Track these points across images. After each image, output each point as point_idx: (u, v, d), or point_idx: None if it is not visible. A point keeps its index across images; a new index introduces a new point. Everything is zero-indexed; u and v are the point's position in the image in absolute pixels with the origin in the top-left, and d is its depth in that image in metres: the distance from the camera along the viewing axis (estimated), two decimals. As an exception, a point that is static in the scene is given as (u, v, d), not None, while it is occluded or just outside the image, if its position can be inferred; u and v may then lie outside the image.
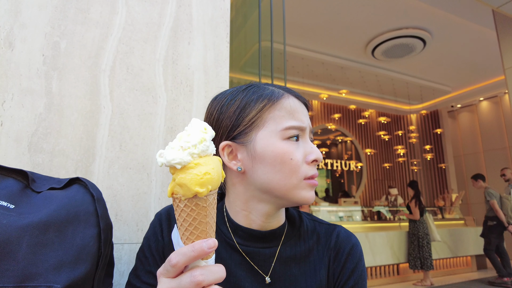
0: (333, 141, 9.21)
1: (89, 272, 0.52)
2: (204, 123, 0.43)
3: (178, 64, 1.06)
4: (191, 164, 0.40)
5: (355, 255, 0.67)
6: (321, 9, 5.07)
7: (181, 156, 0.39)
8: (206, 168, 0.40)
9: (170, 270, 0.40)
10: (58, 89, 0.89)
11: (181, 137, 0.41)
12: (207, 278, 0.39)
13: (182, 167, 0.40)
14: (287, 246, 0.67)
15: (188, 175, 0.39)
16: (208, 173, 0.40)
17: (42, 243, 0.49)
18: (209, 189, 0.40)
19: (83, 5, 0.97)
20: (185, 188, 0.39)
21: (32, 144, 0.83)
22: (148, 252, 0.66)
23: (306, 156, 0.62)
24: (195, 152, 0.40)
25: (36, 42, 0.89)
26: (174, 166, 0.40)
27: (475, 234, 6.18)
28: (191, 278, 0.39)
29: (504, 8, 4.37)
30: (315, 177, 0.62)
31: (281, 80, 2.01)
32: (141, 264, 0.65)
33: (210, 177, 0.40)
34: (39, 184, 0.61)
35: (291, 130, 0.61)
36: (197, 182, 0.39)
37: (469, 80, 7.96)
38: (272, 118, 0.62)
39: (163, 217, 0.69)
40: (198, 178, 0.39)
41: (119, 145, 0.93)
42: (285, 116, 0.62)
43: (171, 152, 0.40)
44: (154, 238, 0.67)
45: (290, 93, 0.67)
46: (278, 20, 1.87)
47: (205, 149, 0.41)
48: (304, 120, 0.64)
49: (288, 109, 0.63)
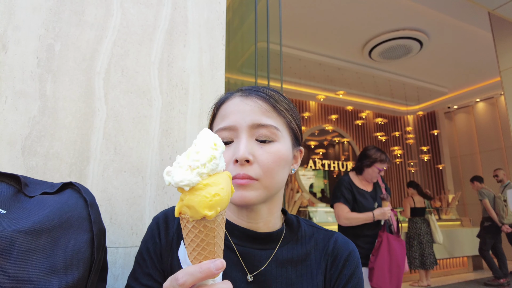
0: (330, 142, 9.22)
1: (81, 278, 0.52)
2: (214, 137, 0.42)
3: (174, 67, 1.06)
4: (200, 185, 0.38)
5: (353, 262, 0.67)
6: (318, 10, 5.08)
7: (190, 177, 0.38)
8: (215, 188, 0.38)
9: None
10: (52, 91, 0.88)
11: (189, 155, 0.40)
12: None
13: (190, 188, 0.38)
14: (284, 249, 0.67)
15: (196, 197, 0.38)
16: (217, 194, 0.38)
17: (33, 249, 0.48)
18: (218, 211, 0.39)
19: (78, 7, 0.96)
20: (193, 210, 0.38)
21: (26, 147, 0.83)
22: (146, 255, 0.66)
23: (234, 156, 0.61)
24: (204, 172, 0.39)
25: (30, 45, 0.88)
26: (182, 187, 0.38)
27: (471, 234, 6.21)
28: None
29: (499, 10, 4.40)
30: (241, 177, 0.59)
31: (277, 80, 2.01)
32: (140, 267, 0.65)
33: (220, 199, 0.38)
34: (32, 189, 0.61)
35: (219, 132, 0.63)
36: (206, 204, 0.38)
37: (466, 81, 8.01)
38: (214, 127, 0.67)
39: (160, 220, 0.70)
40: (207, 200, 0.38)
41: (114, 148, 0.92)
42: (219, 121, 0.66)
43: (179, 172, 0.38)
44: (152, 241, 0.67)
45: (236, 94, 0.68)
46: (275, 21, 1.87)
47: (214, 167, 0.39)
48: (235, 119, 0.63)
49: (222, 113, 0.66)
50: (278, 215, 0.70)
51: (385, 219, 2.36)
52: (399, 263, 2.19)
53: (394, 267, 2.16)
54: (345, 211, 2.38)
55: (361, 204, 2.41)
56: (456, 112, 9.70)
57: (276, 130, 0.63)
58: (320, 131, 8.89)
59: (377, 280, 2.14)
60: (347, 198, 2.42)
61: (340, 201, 2.42)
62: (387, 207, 2.37)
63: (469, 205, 8.98)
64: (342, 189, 2.46)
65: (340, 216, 2.39)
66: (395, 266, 2.17)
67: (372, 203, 2.43)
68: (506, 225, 5.27)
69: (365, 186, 2.52)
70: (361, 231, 2.36)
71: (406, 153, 9.88)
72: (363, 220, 2.33)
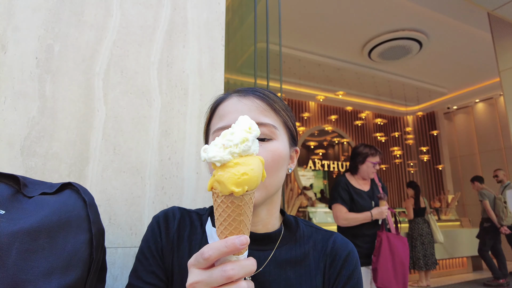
0: (329, 143, 9.22)
1: (80, 278, 0.52)
2: (251, 122, 0.44)
3: (173, 68, 1.06)
4: (231, 163, 0.41)
5: (352, 262, 0.67)
6: (318, 11, 5.09)
7: (222, 155, 0.40)
8: (245, 168, 0.41)
9: (202, 262, 0.41)
10: (52, 92, 0.88)
11: (225, 135, 0.43)
12: (238, 272, 0.40)
13: (221, 164, 0.41)
14: (282, 250, 0.67)
15: (226, 174, 0.40)
16: (246, 173, 0.40)
17: (32, 250, 0.49)
18: (245, 189, 0.41)
19: (77, 7, 0.96)
20: (222, 185, 0.40)
21: (25, 148, 0.83)
22: (148, 253, 0.66)
23: None
24: (236, 151, 0.41)
25: (29, 45, 0.88)
26: (214, 163, 0.41)
27: (470, 235, 6.21)
28: (222, 273, 0.40)
29: (498, 11, 4.41)
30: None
31: (277, 81, 2.01)
32: (142, 265, 0.65)
33: (248, 178, 0.40)
34: (31, 189, 0.61)
35: (217, 132, 0.64)
36: (234, 181, 0.40)
37: (465, 82, 8.01)
38: (212, 128, 0.67)
39: (161, 220, 0.70)
40: (236, 177, 0.40)
41: (113, 149, 0.92)
42: (217, 121, 0.66)
43: (213, 149, 0.41)
44: (153, 240, 0.67)
45: (234, 95, 0.68)
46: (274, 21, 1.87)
47: (246, 149, 0.42)
48: (233, 118, 0.62)
49: (220, 113, 0.66)
50: (277, 216, 0.70)
51: (383, 219, 2.36)
52: (403, 260, 2.17)
53: (398, 265, 2.15)
54: (343, 212, 2.39)
55: (359, 203, 2.41)
56: (456, 112, 9.71)
57: (274, 128, 0.64)
58: (320, 132, 8.89)
59: (382, 280, 2.12)
60: (344, 199, 2.42)
61: (337, 202, 2.43)
62: (384, 206, 2.38)
63: (469, 206, 8.98)
64: (339, 190, 2.46)
65: (339, 217, 2.40)
66: (399, 264, 2.15)
67: (369, 202, 2.44)
68: (504, 227, 5.27)
69: (362, 186, 2.52)
70: (360, 231, 2.36)
71: (406, 154, 9.88)
72: (361, 220, 2.34)
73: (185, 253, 0.66)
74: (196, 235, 0.68)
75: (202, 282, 0.41)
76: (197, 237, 0.68)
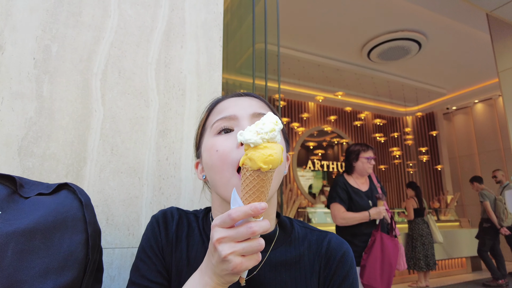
0: (329, 143, 9.23)
1: (76, 279, 0.52)
2: (276, 118, 0.54)
3: (171, 68, 1.06)
4: (261, 146, 0.51)
5: (346, 262, 0.67)
6: (317, 11, 5.09)
7: (255, 138, 0.51)
8: (270, 151, 0.51)
9: (228, 222, 0.49)
10: (49, 92, 0.88)
11: (257, 124, 0.53)
12: (259, 229, 0.49)
13: (254, 146, 0.51)
14: (277, 251, 0.66)
15: (257, 153, 0.50)
16: (271, 155, 0.50)
17: (28, 250, 0.49)
18: (269, 167, 0.50)
19: (75, 8, 0.96)
20: (253, 162, 0.50)
21: (22, 148, 0.83)
22: (151, 252, 0.66)
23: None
24: (266, 137, 0.51)
25: (27, 46, 0.88)
26: (249, 144, 0.51)
27: (470, 235, 6.22)
28: (248, 229, 0.48)
29: (497, 12, 4.41)
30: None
31: (275, 81, 2.02)
32: (145, 264, 0.64)
33: (273, 158, 0.50)
34: (27, 190, 0.61)
35: (218, 123, 0.66)
36: (262, 159, 0.50)
37: (464, 82, 8.02)
38: (209, 124, 0.70)
39: (160, 220, 0.70)
40: (264, 157, 0.50)
41: (111, 149, 0.92)
42: (215, 116, 0.68)
43: (249, 134, 0.51)
44: (154, 239, 0.67)
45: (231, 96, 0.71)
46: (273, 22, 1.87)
47: (273, 137, 0.51)
48: (235, 110, 0.67)
49: (219, 109, 0.69)
50: (273, 217, 0.70)
51: (381, 219, 2.38)
52: (391, 261, 2.21)
53: (386, 266, 2.19)
54: (341, 211, 2.40)
55: (357, 203, 2.43)
56: (455, 113, 9.72)
57: None
58: (319, 132, 8.90)
59: (368, 277, 2.16)
60: (342, 198, 2.44)
61: (335, 201, 2.45)
62: (382, 207, 2.39)
63: (468, 206, 8.98)
64: (337, 189, 2.49)
65: (337, 216, 2.42)
66: (387, 265, 2.19)
67: (367, 202, 2.45)
68: (504, 228, 5.27)
69: (360, 186, 2.54)
70: (358, 230, 2.38)
71: (405, 154, 9.89)
72: (359, 219, 2.35)
73: (183, 254, 0.66)
74: (193, 236, 0.68)
75: (229, 237, 0.48)
76: (194, 238, 0.68)
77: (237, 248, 0.48)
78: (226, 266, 0.48)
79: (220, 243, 0.49)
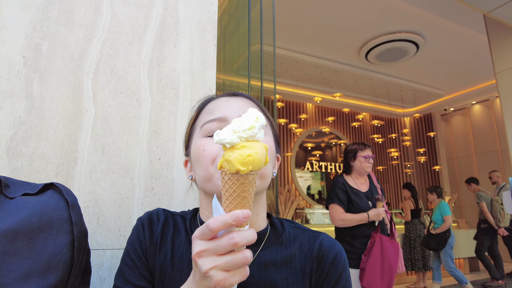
0: (327, 144, 9.22)
1: (60, 281, 0.50)
2: (259, 113, 0.49)
3: (164, 67, 1.05)
4: (238, 146, 0.46)
5: (339, 264, 0.65)
6: (315, 12, 5.09)
7: (231, 137, 0.46)
8: (250, 151, 0.46)
9: (207, 233, 0.45)
10: (39, 91, 0.87)
11: (235, 122, 0.48)
12: (242, 240, 0.44)
13: (230, 146, 0.47)
14: (267, 251, 0.65)
15: (234, 154, 0.46)
16: (250, 155, 0.46)
17: (10, 252, 0.47)
18: (249, 169, 0.46)
19: (67, 6, 0.95)
20: (230, 164, 0.46)
21: (11, 148, 0.81)
22: (134, 255, 0.65)
23: None
24: (243, 136, 0.47)
25: (16, 44, 0.87)
26: (224, 144, 0.47)
27: (467, 236, 6.21)
28: (229, 240, 0.44)
29: (494, 13, 4.42)
30: None
31: (271, 82, 2.01)
32: (129, 268, 0.64)
33: (252, 159, 0.46)
34: (13, 190, 0.59)
35: (207, 124, 0.65)
36: (240, 161, 0.45)
37: (462, 84, 8.04)
38: (198, 124, 0.68)
39: (145, 222, 0.69)
40: (242, 158, 0.45)
41: (102, 149, 0.91)
42: (205, 116, 0.68)
43: (224, 132, 0.47)
44: (138, 242, 0.66)
45: (222, 96, 0.71)
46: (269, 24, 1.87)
47: (252, 135, 0.47)
48: (225, 111, 0.66)
49: (210, 109, 0.68)
50: (262, 217, 0.68)
51: (380, 220, 2.36)
52: (392, 264, 2.19)
53: (386, 268, 2.16)
54: (340, 212, 2.38)
55: (356, 204, 2.40)
56: (453, 114, 9.74)
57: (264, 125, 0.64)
58: (317, 133, 8.89)
59: (368, 280, 2.13)
60: (341, 199, 2.42)
61: (334, 202, 2.42)
62: (381, 208, 2.37)
63: (466, 207, 8.99)
64: (336, 190, 2.46)
65: (335, 217, 2.40)
66: (387, 267, 2.17)
67: (367, 203, 2.43)
68: (502, 228, 5.28)
69: (359, 186, 2.52)
70: (358, 232, 2.35)
71: (403, 155, 9.89)
72: (358, 221, 2.33)
73: (168, 256, 0.65)
74: (179, 238, 0.67)
75: (209, 250, 0.45)
76: (180, 239, 0.67)
77: (219, 262, 0.44)
78: (208, 282, 0.44)
79: (200, 257, 0.45)
